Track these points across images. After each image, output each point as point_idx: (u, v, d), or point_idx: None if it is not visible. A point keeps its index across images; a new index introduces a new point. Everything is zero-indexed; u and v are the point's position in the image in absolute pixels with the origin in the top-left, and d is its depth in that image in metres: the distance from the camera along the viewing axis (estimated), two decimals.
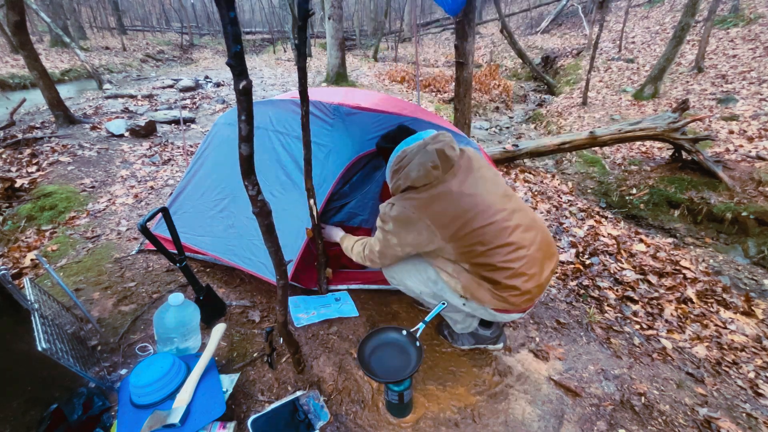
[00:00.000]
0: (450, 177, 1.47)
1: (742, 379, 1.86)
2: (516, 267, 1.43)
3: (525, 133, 7.34)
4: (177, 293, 1.71)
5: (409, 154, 1.48)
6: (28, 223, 3.24)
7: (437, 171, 1.45)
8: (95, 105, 7.05)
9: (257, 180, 1.17)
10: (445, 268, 1.54)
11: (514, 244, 1.43)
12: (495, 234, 1.42)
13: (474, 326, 1.80)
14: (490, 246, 1.42)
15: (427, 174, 1.44)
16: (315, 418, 1.48)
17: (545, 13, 18.02)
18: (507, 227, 1.44)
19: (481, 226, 1.41)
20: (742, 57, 7.99)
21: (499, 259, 1.42)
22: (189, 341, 1.75)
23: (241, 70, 0.96)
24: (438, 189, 1.45)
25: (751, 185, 4.09)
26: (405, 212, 1.44)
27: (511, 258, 1.43)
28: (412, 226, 1.45)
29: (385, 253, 1.60)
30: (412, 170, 1.45)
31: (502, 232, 1.43)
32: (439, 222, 1.42)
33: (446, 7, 3.11)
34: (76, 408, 1.41)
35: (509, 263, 1.43)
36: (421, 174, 1.44)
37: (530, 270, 1.45)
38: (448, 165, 1.48)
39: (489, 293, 1.47)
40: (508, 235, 1.43)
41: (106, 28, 20.19)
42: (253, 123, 1.05)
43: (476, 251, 1.43)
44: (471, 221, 1.41)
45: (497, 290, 1.46)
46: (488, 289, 1.47)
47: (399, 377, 1.43)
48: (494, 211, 1.45)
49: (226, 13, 0.88)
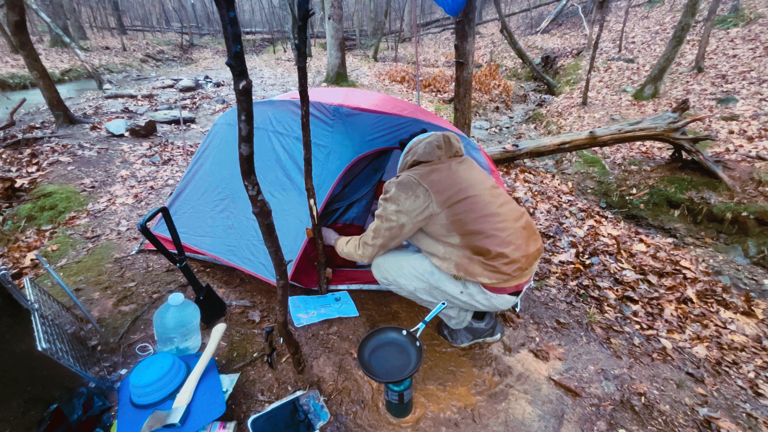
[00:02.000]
0: (450, 160, 1.68)
1: (742, 379, 1.86)
2: (503, 236, 1.54)
3: (525, 133, 7.34)
4: (177, 293, 1.71)
5: (421, 139, 1.72)
6: (28, 223, 3.24)
7: (440, 151, 1.67)
8: (95, 105, 7.05)
9: (257, 180, 1.17)
10: (436, 252, 1.60)
11: (501, 215, 1.58)
12: (484, 204, 1.58)
13: (468, 320, 1.83)
14: (480, 214, 1.56)
15: (432, 151, 1.66)
16: (315, 418, 1.48)
17: (545, 13, 18.02)
18: (494, 201, 1.62)
19: (472, 196, 1.58)
20: (742, 57, 7.99)
21: (488, 227, 1.54)
22: (189, 341, 1.75)
23: (241, 70, 0.96)
24: (438, 165, 1.64)
25: (751, 185, 4.09)
26: (407, 178, 1.60)
27: (498, 227, 1.55)
28: (411, 190, 1.57)
29: (378, 230, 1.65)
30: (419, 148, 1.68)
31: (491, 204, 1.59)
32: (436, 188, 1.56)
33: (446, 8, 3.11)
34: (76, 408, 1.41)
35: (497, 231, 1.54)
36: (426, 150, 1.67)
37: (517, 240, 1.56)
38: (451, 150, 1.70)
39: (480, 265, 1.53)
40: (496, 207, 1.59)
41: (106, 28, 20.19)
42: (252, 123, 1.05)
43: (467, 218, 1.55)
44: (463, 191, 1.58)
45: (488, 260, 1.53)
46: (479, 261, 1.53)
47: (399, 377, 1.43)
48: (483, 189, 1.63)
49: (226, 13, 0.88)
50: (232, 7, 0.88)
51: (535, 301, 2.29)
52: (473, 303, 1.64)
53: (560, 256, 2.82)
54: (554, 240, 3.09)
